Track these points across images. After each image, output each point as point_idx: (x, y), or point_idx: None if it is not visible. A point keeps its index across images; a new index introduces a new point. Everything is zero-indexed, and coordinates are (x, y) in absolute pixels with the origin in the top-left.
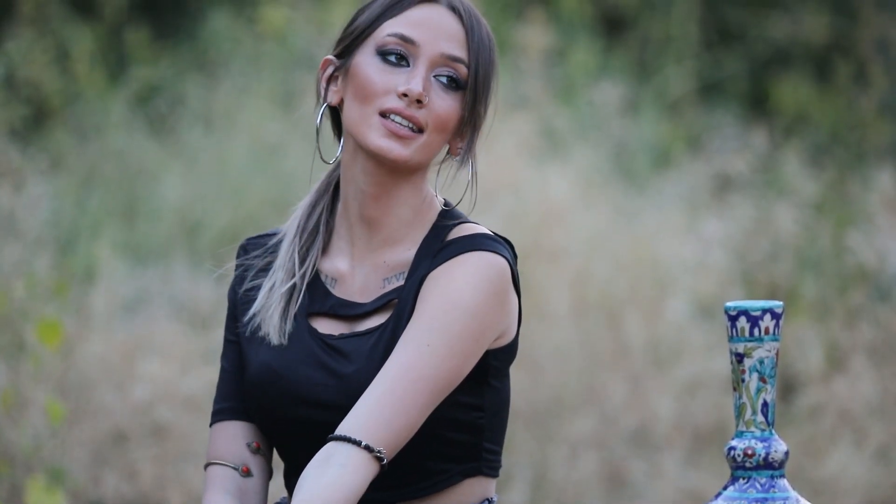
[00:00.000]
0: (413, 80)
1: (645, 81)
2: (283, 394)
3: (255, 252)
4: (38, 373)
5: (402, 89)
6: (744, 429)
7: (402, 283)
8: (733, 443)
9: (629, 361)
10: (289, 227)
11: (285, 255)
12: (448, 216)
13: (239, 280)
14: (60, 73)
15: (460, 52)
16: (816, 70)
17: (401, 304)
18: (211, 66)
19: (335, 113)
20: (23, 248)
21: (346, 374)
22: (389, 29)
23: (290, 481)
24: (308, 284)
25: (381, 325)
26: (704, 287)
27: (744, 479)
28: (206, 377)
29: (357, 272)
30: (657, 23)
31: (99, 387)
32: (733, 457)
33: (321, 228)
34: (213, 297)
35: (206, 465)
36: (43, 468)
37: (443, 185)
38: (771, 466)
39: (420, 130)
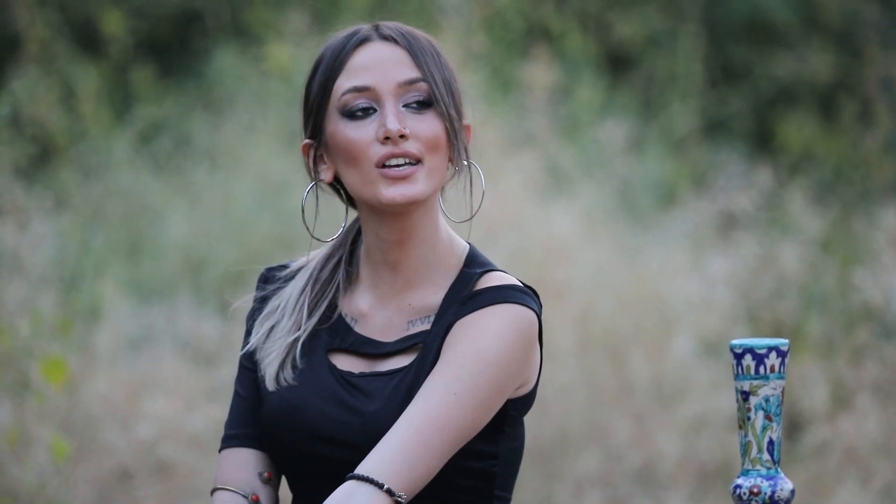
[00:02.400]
0: (387, 119)
1: (650, 119)
2: (300, 429)
3: (277, 283)
4: (42, 410)
5: (381, 134)
6: (749, 467)
7: (427, 326)
8: (739, 481)
9: (634, 399)
10: (302, 268)
11: (294, 302)
12: (475, 262)
13: (258, 310)
14: (66, 111)
15: (413, 72)
16: (821, 108)
17: (426, 349)
18: (216, 104)
19: (337, 185)
20: (27, 286)
21: (365, 413)
22: (341, 87)
23: None
24: (329, 324)
25: (405, 367)
26: (709, 325)
27: None
28: (211, 415)
29: (380, 313)
30: (662, 61)
31: (104, 424)
32: (739, 495)
33: (338, 276)
34: (217, 335)
35: (214, 490)
36: None
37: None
38: None
39: (418, 161)
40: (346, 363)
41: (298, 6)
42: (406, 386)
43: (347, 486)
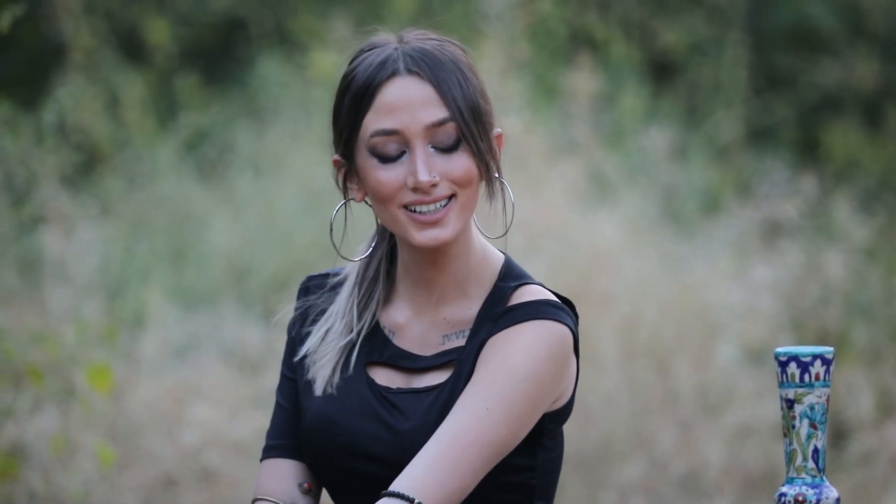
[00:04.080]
0: (417, 169)
1: (694, 127)
2: (337, 444)
3: (320, 292)
4: (88, 418)
5: (410, 184)
6: (794, 475)
7: (462, 342)
8: (784, 489)
9: (678, 407)
10: (349, 274)
11: (345, 304)
12: (509, 274)
13: (301, 319)
14: (111, 119)
15: (441, 112)
16: (866, 115)
17: (460, 366)
18: (260, 111)
19: (369, 202)
20: (73, 293)
21: (401, 430)
22: (371, 127)
23: None
24: (368, 334)
25: (440, 384)
26: (754, 332)
27: None
28: (254, 422)
29: (416, 326)
30: (706, 68)
31: (148, 432)
32: (784, 503)
33: (381, 278)
34: (261, 342)
35: (254, 501)
36: None
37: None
38: None
39: (450, 197)
40: (383, 377)
41: (342, 13)
42: (441, 403)
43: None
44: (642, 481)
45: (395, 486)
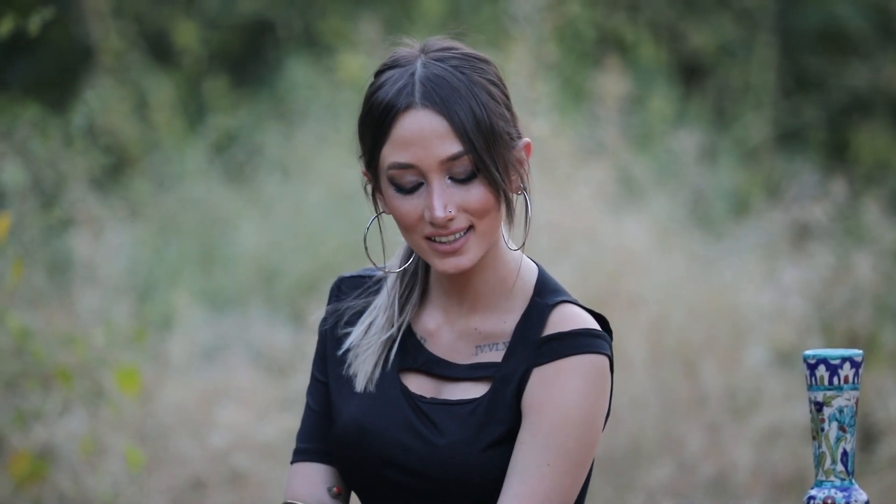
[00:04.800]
0: (433, 204)
1: (723, 129)
2: (369, 452)
3: (354, 293)
4: (116, 420)
5: (427, 218)
6: (823, 478)
7: (497, 357)
8: (813, 492)
9: (707, 409)
10: (392, 266)
11: (388, 296)
12: (545, 289)
13: (335, 320)
14: (139, 122)
15: (454, 146)
16: None
17: (498, 384)
18: (288, 114)
19: None
20: (102, 295)
21: (437, 445)
22: (388, 159)
23: None
24: (401, 339)
25: (475, 399)
26: (783, 335)
27: None
28: (283, 424)
29: (446, 333)
30: (735, 70)
31: (177, 434)
32: None
33: (420, 272)
34: (289, 344)
35: (286, 502)
36: None
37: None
38: None
39: (468, 229)
40: (416, 385)
41: (370, 16)
42: (477, 420)
43: None
44: (670, 484)
45: None
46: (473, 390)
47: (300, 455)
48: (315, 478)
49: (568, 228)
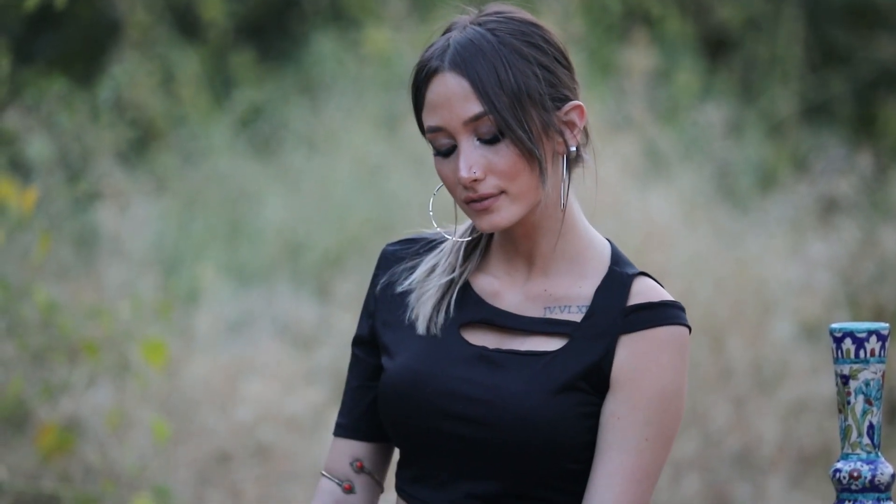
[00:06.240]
0: (458, 165)
1: (749, 103)
2: (424, 402)
3: (407, 255)
4: (143, 393)
5: (457, 180)
6: (849, 451)
7: (573, 317)
8: (839, 465)
9: (733, 383)
10: (458, 228)
11: (452, 245)
12: (621, 261)
13: (387, 286)
14: (166, 96)
15: (476, 107)
16: None
17: (577, 342)
18: (315, 88)
19: None
20: (128, 269)
21: (506, 393)
22: (425, 122)
23: (413, 487)
24: (459, 296)
25: (550, 352)
26: (809, 309)
27: (849, 501)
28: (309, 398)
29: (510, 295)
30: (762, 44)
31: (202, 407)
32: (839, 479)
33: (482, 240)
34: (315, 318)
35: (321, 473)
36: (148, 487)
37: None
38: (877, 489)
39: (499, 193)
40: (478, 338)
41: None
42: (553, 373)
43: None
44: (696, 458)
45: None
46: (547, 344)
47: (336, 429)
48: (344, 452)
49: (594, 202)
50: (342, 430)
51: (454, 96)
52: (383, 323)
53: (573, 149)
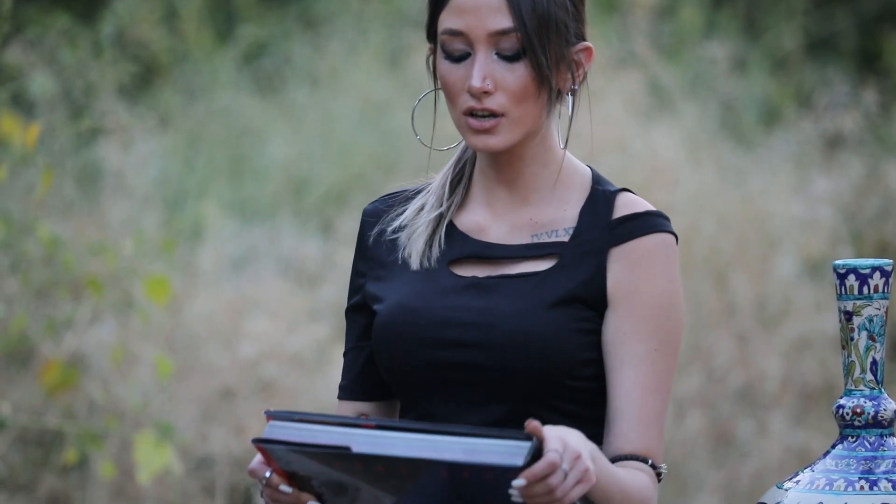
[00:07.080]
0: (473, 73)
1: (753, 38)
2: (420, 336)
3: (393, 205)
4: (146, 329)
5: (467, 87)
6: (852, 387)
7: (560, 238)
8: (842, 401)
9: (736, 320)
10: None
11: (439, 182)
12: (602, 181)
13: (378, 234)
14: (168, 32)
15: (506, 21)
16: None
17: (567, 259)
18: (318, 24)
19: None
20: (131, 205)
21: (501, 313)
22: (443, 24)
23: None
24: (445, 235)
25: (541, 271)
26: (813, 245)
27: (852, 437)
28: (311, 335)
29: (494, 227)
30: None
31: (206, 344)
32: (842, 415)
33: (464, 177)
34: (318, 255)
35: None
36: (152, 423)
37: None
38: (880, 425)
39: (502, 114)
40: (468, 271)
41: None
42: (545, 291)
43: (633, 464)
44: (699, 394)
45: (620, 450)
46: (536, 266)
47: (339, 393)
48: (348, 413)
49: (597, 139)
50: (344, 393)
51: (486, 6)
52: (376, 278)
53: (576, 87)
